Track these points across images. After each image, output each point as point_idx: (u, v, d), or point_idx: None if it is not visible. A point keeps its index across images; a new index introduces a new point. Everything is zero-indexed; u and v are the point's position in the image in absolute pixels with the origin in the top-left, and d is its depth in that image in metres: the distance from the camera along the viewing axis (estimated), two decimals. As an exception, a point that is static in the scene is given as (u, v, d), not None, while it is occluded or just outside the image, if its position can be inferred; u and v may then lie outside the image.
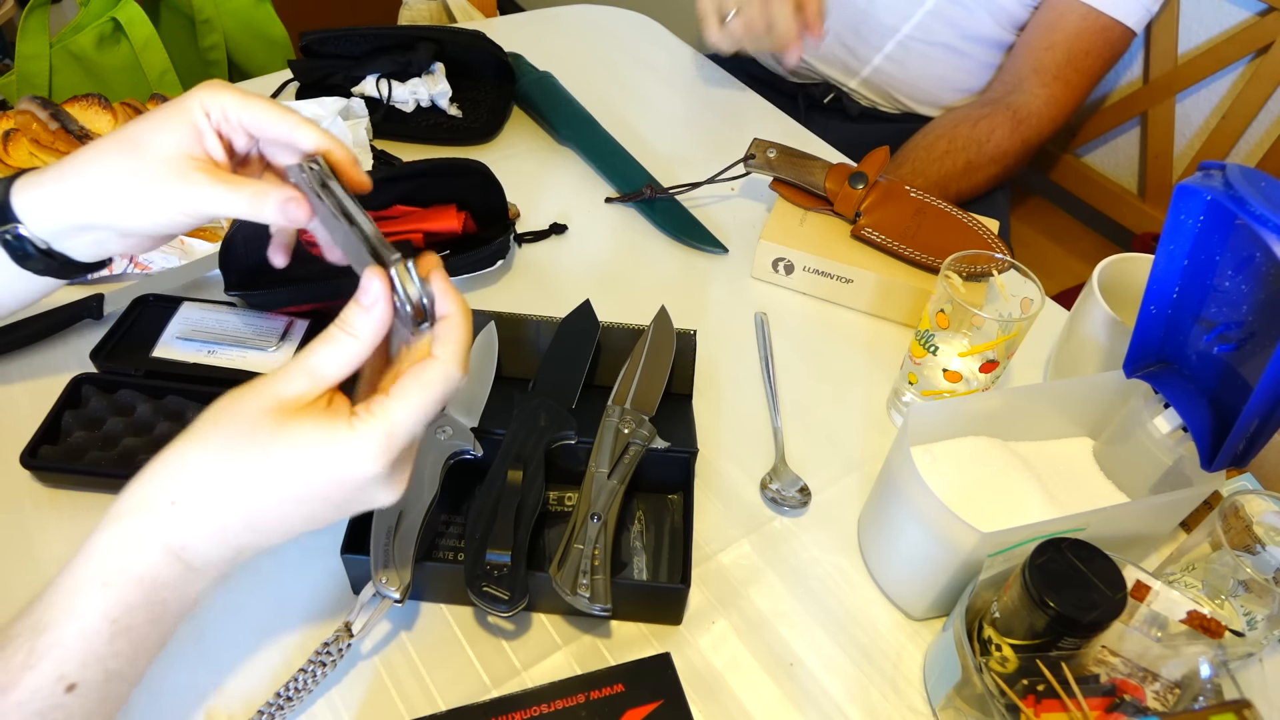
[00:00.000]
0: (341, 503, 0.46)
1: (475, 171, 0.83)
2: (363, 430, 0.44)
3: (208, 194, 0.51)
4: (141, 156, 0.52)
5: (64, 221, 0.54)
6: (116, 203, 0.52)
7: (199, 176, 0.51)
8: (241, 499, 0.44)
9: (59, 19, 1.22)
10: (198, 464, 0.44)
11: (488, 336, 0.71)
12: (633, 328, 0.72)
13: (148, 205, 0.52)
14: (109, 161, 0.52)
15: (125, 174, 0.52)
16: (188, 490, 0.43)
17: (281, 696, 0.54)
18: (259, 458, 0.43)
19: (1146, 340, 0.61)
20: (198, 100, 0.52)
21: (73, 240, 0.55)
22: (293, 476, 0.44)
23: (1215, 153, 1.29)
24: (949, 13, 1.16)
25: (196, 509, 0.43)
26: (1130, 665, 0.53)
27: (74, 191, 0.53)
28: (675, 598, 0.60)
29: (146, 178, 0.51)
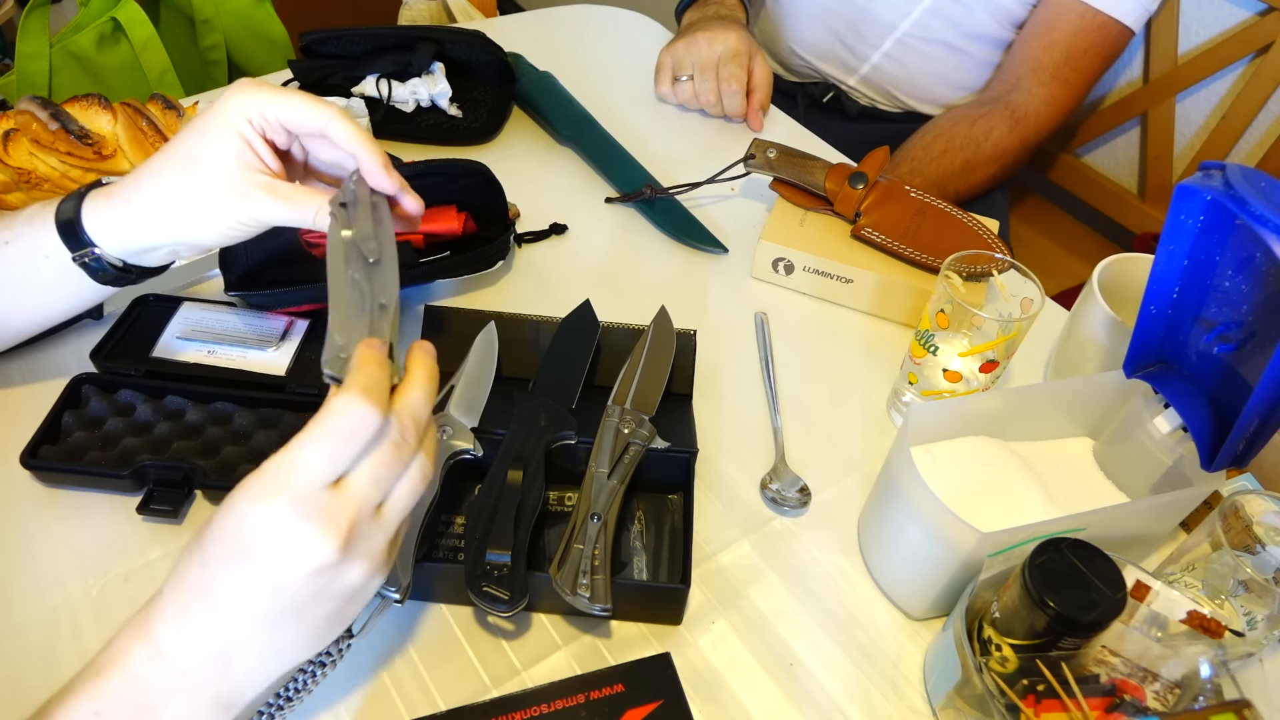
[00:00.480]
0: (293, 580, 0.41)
1: (475, 172, 0.83)
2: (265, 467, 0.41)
3: (264, 206, 0.54)
4: (198, 173, 0.54)
5: (136, 244, 0.57)
6: (182, 221, 0.55)
7: (256, 191, 0.53)
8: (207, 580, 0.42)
9: (59, 19, 1.22)
10: (184, 556, 0.43)
11: (488, 336, 0.71)
12: (633, 328, 0.72)
13: (211, 220, 0.55)
14: (170, 182, 0.54)
15: (186, 193, 0.54)
16: (170, 580, 0.43)
17: (281, 696, 0.54)
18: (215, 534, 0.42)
19: (1146, 340, 0.61)
20: (237, 108, 0.54)
21: (146, 256, 0.59)
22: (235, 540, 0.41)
23: (1215, 153, 1.29)
24: (948, 10, 1.17)
25: (174, 595, 0.42)
26: (1130, 665, 0.53)
27: (141, 215, 0.56)
28: (675, 598, 0.60)
29: (207, 194, 0.54)
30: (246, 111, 0.54)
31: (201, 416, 0.68)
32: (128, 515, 0.63)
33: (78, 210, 0.57)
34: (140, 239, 0.57)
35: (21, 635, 0.57)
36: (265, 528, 0.41)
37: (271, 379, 0.71)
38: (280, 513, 0.41)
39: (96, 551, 0.62)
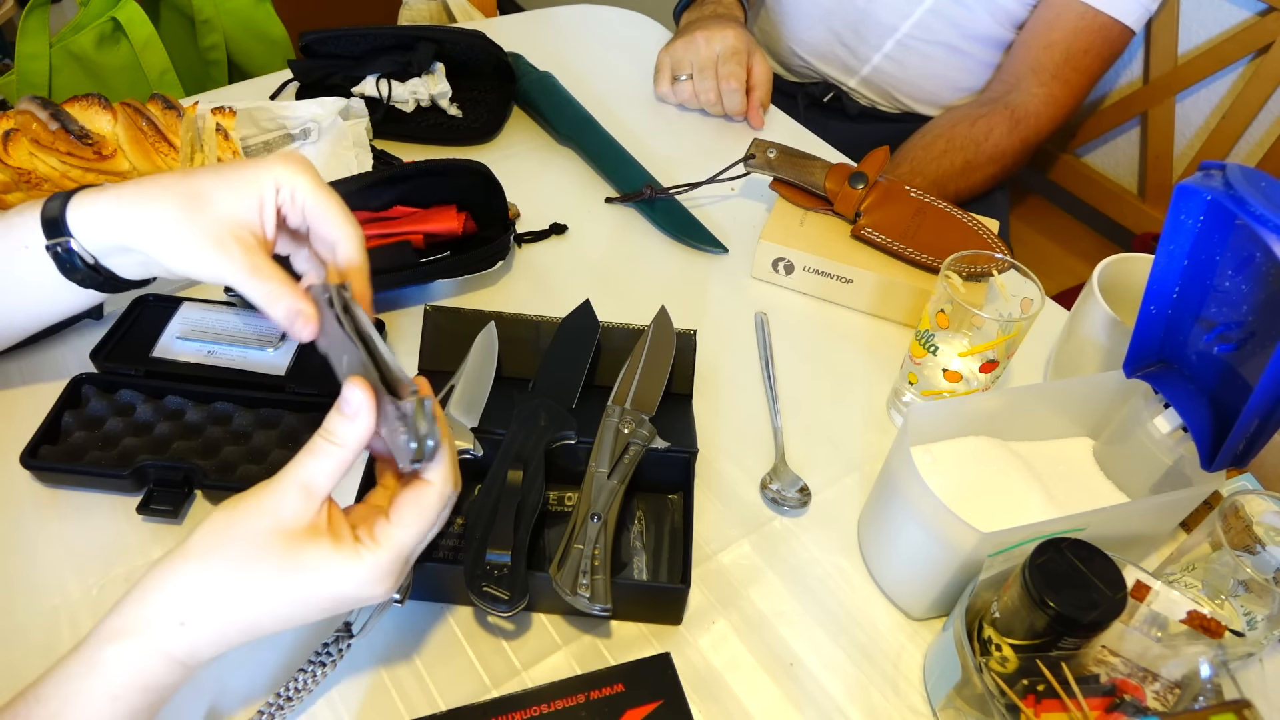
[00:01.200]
0: (337, 610, 0.49)
1: (475, 172, 0.83)
2: (368, 559, 0.47)
3: (233, 270, 0.53)
4: (197, 211, 0.53)
5: (111, 241, 0.56)
6: (160, 243, 0.54)
7: (235, 251, 0.53)
8: (248, 616, 0.46)
9: (59, 19, 1.22)
10: (204, 585, 0.46)
11: (488, 336, 0.71)
12: (633, 328, 0.72)
13: (184, 257, 0.54)
14: (167, 204, 0.54)
15: (175, 221, 0.53)
16: (196, 611, 0.46)
17: (281, 696, 0.54)
18: (268, 582, 0.46)
19: (1146, 340, 0.61)
20: (273, 174, 0.54)
21: (119, 259, 0.57)
22: (300, 597, 0.47)
23: (1215, 153, 1.29)
24: (948, 11, 1.16)
25: (204, 627, 0.46)
26: (1130, 665, 0.53)
27: (126, 219, 0.55)
28: (675, 598, 0.60)
29: (191, 235, 0.53)
30: (280, 179, 0.54)
31: (201, 416, 0.68)
32: (128, 515, 0.63)
33: (65, 201, 0.56)
34: (114, 237, 0.55)
35: (21, 635, 0.57)
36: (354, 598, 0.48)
37: (271, 379, 0.71)
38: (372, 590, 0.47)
39: (96, 551, 0.62)
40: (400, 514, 0.48)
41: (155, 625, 0.45)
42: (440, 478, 0.49)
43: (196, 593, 0.46)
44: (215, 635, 0.46)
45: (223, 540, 0.46)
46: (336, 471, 0.47)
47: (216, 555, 0.46)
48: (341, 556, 0.46)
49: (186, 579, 0.46)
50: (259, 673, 0.57)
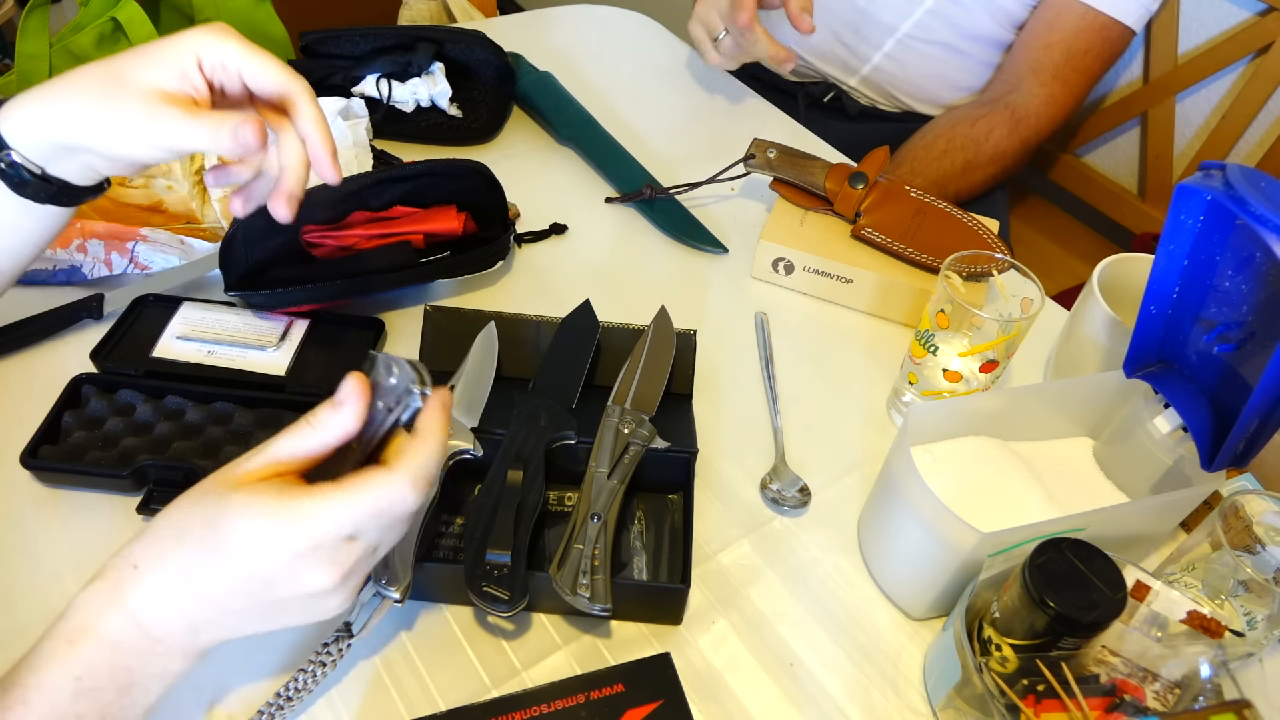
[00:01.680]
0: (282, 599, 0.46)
1: (475, 172, 0.83)
2: (295, 506, 0.44)
3: (172, 129, 0.51)
4: (118, 87, 0.51)
5: (48, 142, 0.53)
6: (93, 130, 0.52)
7: (166, 111, 0.50)
8: (189, 564, 0.45)
9: (59, 19, 1.21)
10: (159, 531, 0.46)
11: (488, 337, 0.71)
12: (633, 328, 0.72)
13: (121, 136, 0.52)
14: (88, 89, 0.52)
15: (100, 103, 0.51)
16: (148, 555, 0.45)
17: (281, 696, 0.54)
18: (203, 522, 0.45)
19: (1146, 340, 0.61)
20: (194, 47, 0.52)
21: (63, 163, 0.54)
22: (229, 540, 0.44)
23: (1215, 153, 1.29)
24: (948, 11, 1.16)
25: (153, 572, 0.45)
26: (1130, 665, 0.53)
27: (54, 114, 0.52)
28: (675, 598, 0.60)
29: (119, 110, 0.51)
30: (202, 52, 0.52)
31: (201, 416, 0.68)
32: (128, 515, 0.63)
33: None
34: (50, 137, 0.53)
35: (21, 635, 0.57)
36: (277, 557, 0.44)
37: (271, 379, 0.71)
38: (298, 551, 0.44)
39: (96, 551, 0.62)
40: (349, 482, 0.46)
41: (113, 569, 0.45)
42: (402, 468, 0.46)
43: (152, 538, 0.46)
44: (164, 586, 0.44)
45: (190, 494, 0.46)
46: (306, 450, 0.46)
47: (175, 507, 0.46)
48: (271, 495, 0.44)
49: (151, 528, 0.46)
50: (259, 673, 0.57)
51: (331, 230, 0.78)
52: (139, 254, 0.78)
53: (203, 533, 0.45)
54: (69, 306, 0.75)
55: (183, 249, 0.80)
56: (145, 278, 0.79)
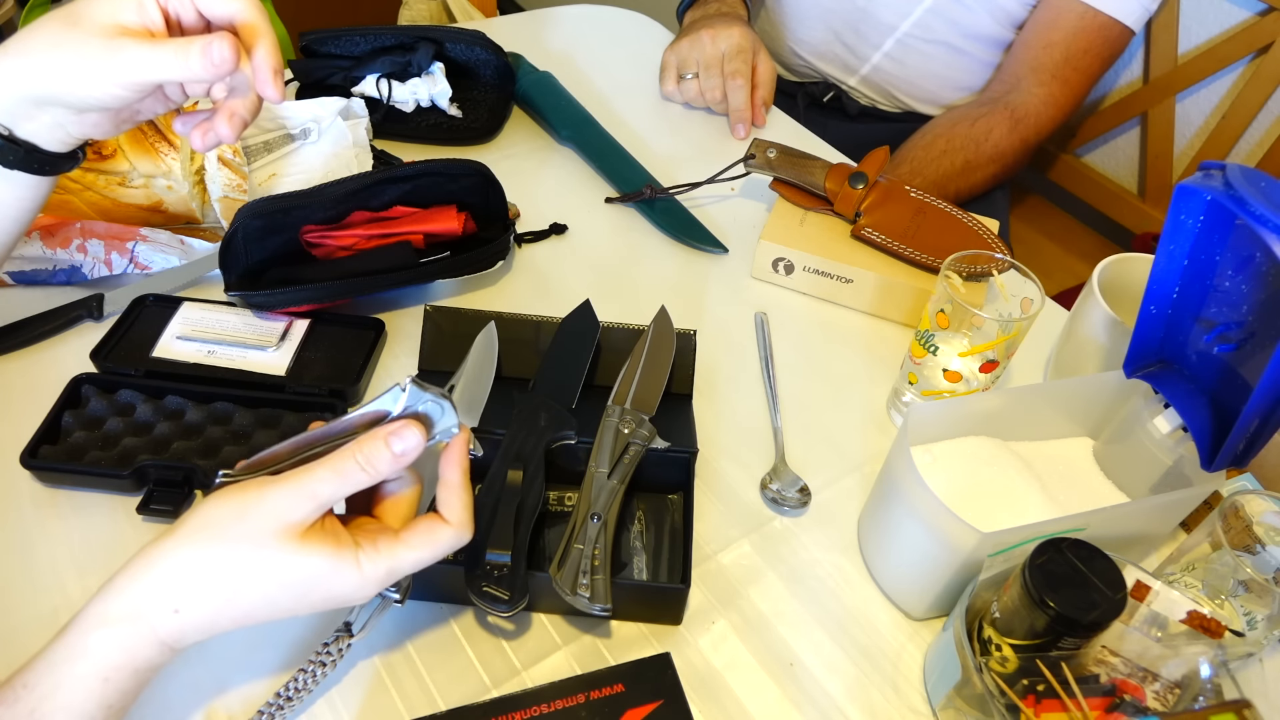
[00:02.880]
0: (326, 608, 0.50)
1: (475, 172, 0.82)
2: (368, 570, 0.48)
3: (135, 59, 0.50)
4: (76, 28, 0.51)
5: (12, 98, 0.52)
6: (55, 75, 0.51)
7: (126, 43, 0.50)
8: (242, 605, 0.47)
9: (59, 19, 1.21)
10: (200, 570, 0.46)
11: (488, 337, 0.71)
12: (633, 328, 0.72)
13: (84, 77, 0.51)
14: (46, 34, 0.51)
15: (59, 47, 0.51)
16: (190, 597, 0.46)
17: (281, 696, 0.54)
18: (267, 574, 0.47)
19: (1146, 340, 0.61)
20: None
21: (31, 123, 0.53)
22: (296, 592, 0.48)
23: (1215, 153, 1.29)
24: (948, 11, 1.16)
25: (198, 613, 0.47)
26: (1130, 665, 0.53)
27: (14, 67, 0.51)
28: (675, 598, 0.60)
29: (79, 49, 0.50)
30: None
31: (201, 416, 0.68)
32: (128, 515, 0.63)
33: None
34: (13, 91, 0.52)
35: (21, 635, 0.57)
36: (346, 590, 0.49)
37: (271, 379, 0.71)
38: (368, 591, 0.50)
39: (96, 551, 0.62)
40: (412, 537, 0.50)
41: (148, 611, 0.46)
42: (458, 520, 0.51)
43: (191, 578, 0.46)
44: (207, 621, 0.47)
45: (221, 527, 0.46)
46: (351, 492, 0.49)
47: (215, 541, 0.46)
48: (341, 560, 0.48)
49: (180, 563, 0.46)
50: (259, 673, 0.57)
51: (331, 230, 0.78)
52: (139, 254, 0.78)
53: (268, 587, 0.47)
54: (69, 306, 0.75)
55: (183, 249, 0.80)
56: (145, 278, 0.79)
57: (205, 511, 0.47)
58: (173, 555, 0.46)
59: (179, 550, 0.46)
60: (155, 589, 0.46)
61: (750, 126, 1.07)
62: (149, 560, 0.46)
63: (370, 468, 0.48)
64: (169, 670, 0.55)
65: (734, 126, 1.07)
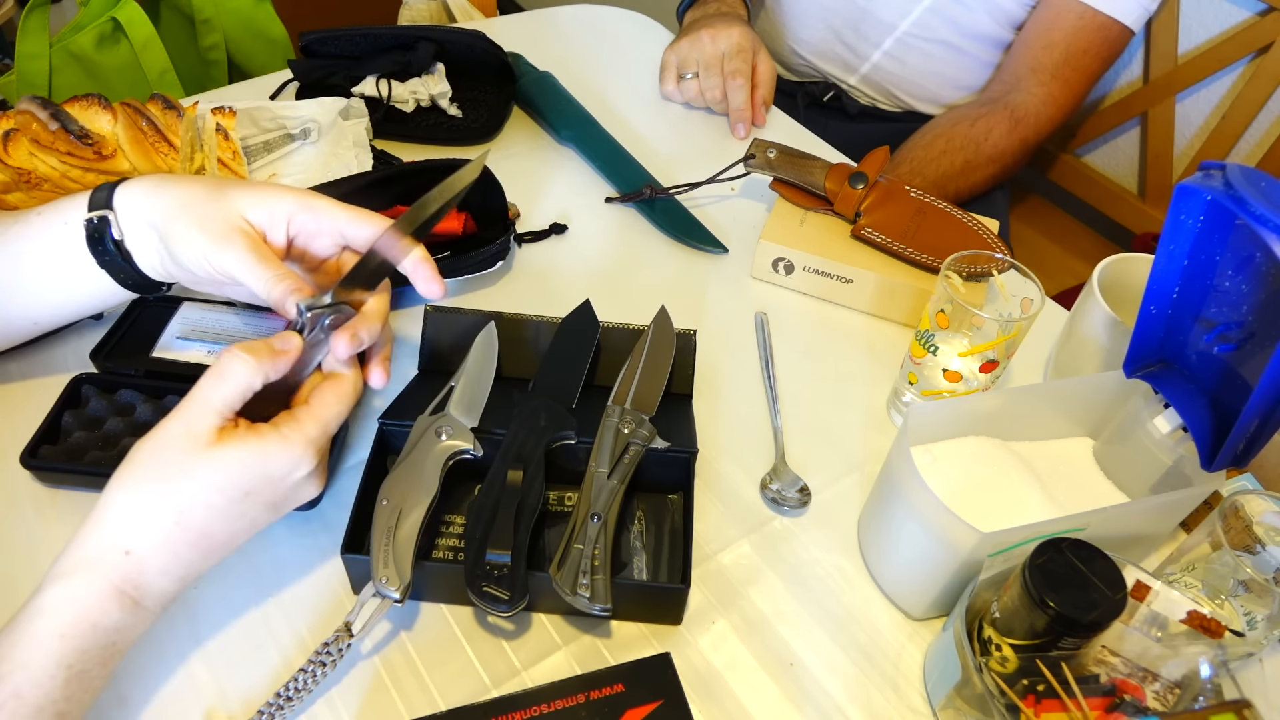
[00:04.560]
0: (276, 502, 0.52)
1: (475, 172, 0.82)
2: (291, 435, 0.51)
3: (235, 259, 0.55)
4: (215, 201, 0.56)
5: (140, 218, 0.57)
6: (175, 223, 0.56)
7: (238, 241, 0.55)
8: (191, 525, 0.48)
9: (59, 19, 1.22)
10: (141, 507, 0.48)
11: (488, 336, 0.70)
12: (633, 328, 0.72)
13: (192, 240, 0.56)
14: (193, 193, 0.57)
15: (193, 206, 0.56)
16: (137, 534, 0.47)
17: (281, 696, 0.54)
18: (200, 482, 0.48)
19: (1146, 340, 0.61)
20: (291, 207, 0.58)
21: (141, 242, 0.58)
22: (238, 493, 0.49)
23: (1215, 153, 1.29)
24: (948, 10, 1.17)
25: (149, 550, 0.47)
26: (1130, 665, 0.53)
27: (157, 196, 0.57)
28: (675, 598, 0.60)
29: (204, 218, 0.55)
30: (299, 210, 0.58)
31: (201, 416, 0.68)
32: (128, 515, 0.63)
33: (117, 184, 0.58)
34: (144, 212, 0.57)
35: (21, 635, 0.57)
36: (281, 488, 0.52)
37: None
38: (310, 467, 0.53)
39: (96, 551, 0.61)
40: (321, 396, 0.54)
41: (99, 559, 0.46)
42: (354, 369, 0.56)
43: (132, 515, 0.47)
44: (164, 557, 0.48)
45: (147, 461, 0.48)
46: (244, 394, 0.51)
47: (145, 475, 0.48)
48: (263, 436, 0.50)
49: (121, 506, 0.47)
50: (259, 673, 0.57)
51: (331, 230, 0.78)
52: (139, 254, 0.78)
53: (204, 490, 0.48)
54: (69, 306, 0.75)
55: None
56: (145, 278, 0.79)
57: (133, 453, 0.49)
58: (113, 501, 0.48)
59: (115, 495, 0.48)
60: (101, 535, 0.47)
61: (750, 126, 1.07)
62: (94, 514, 0.48)
63: (251, 361, 0.50)
64: (168, 671, 0.56)
65: (734, 126, 1.07)
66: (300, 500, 0.54)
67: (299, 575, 0.62)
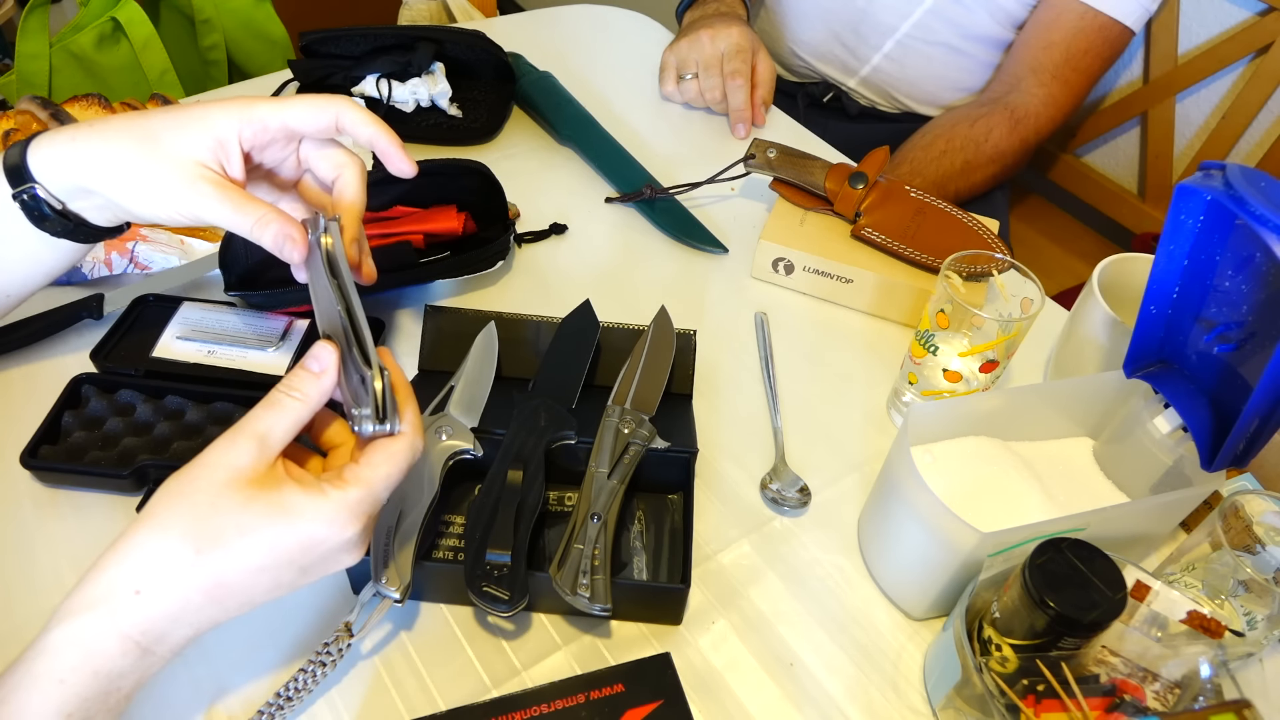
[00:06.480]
0: (308, 567, 0.47)
1: (475, 172, 0.83)
2: (337, 497, 0.46)
3: (211, 205, 0.51)
4: (155, 151, 0.51)
5: (71, 183, 0.53)
6: (122, 184, 0.52)
7: (206, 187, 0.51)
8: (207, 576, 0.44)
9: (59, 19, 1.22)
10: (160, 548, 0.44)
11: (488, 337, 0.71)
12: (633, 328, 0.72)
13: (150, 196, 0.52)
14: (122, 146, 0.52)
15: (135, 161, 0.51)
16: (150, 576, 0.43)
17: (281, 696, 0.54)
18: (228, 531, 0.44)
19: (1146, 340, 0.61)
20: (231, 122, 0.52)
21: (83, 202, 0.54)
22: (264, 546, 0.45)
23: (1215, 153, 1.29)
24: (948, 11, 1.17)
25: (161, 594, 0.43)
26: (1130, 665, 0.53)
27: (83, 159, 0.52)
28: (675, 598, 0.60)
29: (155, 171, 0.51)
30: (241, 128, 0.52)
31: (201, 416, 0.68)
32: (128, 515, 0.63)
33: (25, 148, 0.53)
34: (74, 179, 0.53)
35: (21, 635, 0.57)
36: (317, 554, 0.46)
37: (271, 379, 0.69)
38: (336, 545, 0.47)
39: (96, 551, 0.61)
40: (370, 457, 0.48)
41: (108, 598, 0.43)
42: (410, 427, 0.49)
43: (152, 558, 0.43)
44: (175, 604, 0.44)
45: (178, 499, 0.44)
46: (294, 426, 0.47)
47: (173, 515, 0.44)
48: (306, 494, 0.45)
49: (142, 547, 0.44)
50: (259, 673, 0.57)
51: (331, 230, 0.78)
52: (139, 254, 0.78)
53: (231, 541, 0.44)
54: (69, 306, 0.74)
55: (183, 249, 0.80)
56: (145, 278, 0.79)
57: (165, 488, 0.45)
58: (135, 540, 0.44)
59: (140, 533, 0.44)
60: (115, 574, 0.43)
61: (750, 126, 1.07)
62: (113, 550, 0.44)
63: (299, 392, 0.47)
64: (168, 671, 0.56)
65: (734, 126, 1.07)
66: (333, 570, 0.48)
67: (299, 575, 0.62)
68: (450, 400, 0.65)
